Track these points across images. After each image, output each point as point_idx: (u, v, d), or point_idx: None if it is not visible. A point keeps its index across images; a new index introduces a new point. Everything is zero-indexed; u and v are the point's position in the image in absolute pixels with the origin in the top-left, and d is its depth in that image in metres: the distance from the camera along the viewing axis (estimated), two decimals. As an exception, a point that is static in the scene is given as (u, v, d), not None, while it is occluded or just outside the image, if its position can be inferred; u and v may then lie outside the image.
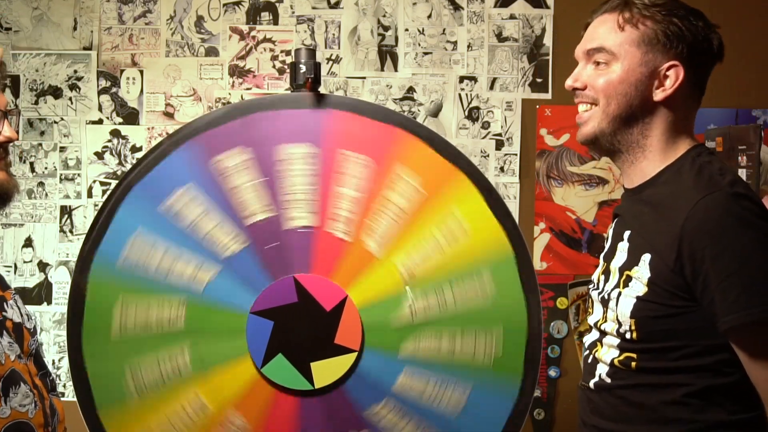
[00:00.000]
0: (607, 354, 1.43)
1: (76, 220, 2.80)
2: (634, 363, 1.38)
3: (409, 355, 1.70)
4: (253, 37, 2.79)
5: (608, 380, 1.43)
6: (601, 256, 1.54)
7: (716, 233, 1.27)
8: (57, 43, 2.80)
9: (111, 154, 2.80)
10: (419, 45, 2.78)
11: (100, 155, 2.80)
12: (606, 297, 1.44)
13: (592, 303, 1.53)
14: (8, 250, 2.80)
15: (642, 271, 1.36)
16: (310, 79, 1.74)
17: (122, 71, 2.80)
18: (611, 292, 1.43)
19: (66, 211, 2.80)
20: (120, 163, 2.79)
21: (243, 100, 1.83)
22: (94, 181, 2.80)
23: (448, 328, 1.70)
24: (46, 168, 2.80)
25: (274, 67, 2.79)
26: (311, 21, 2.79)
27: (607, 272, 1.48)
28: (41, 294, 2.80)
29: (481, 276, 1.70)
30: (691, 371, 1.34)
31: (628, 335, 1.38)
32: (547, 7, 2.77)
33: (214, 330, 1.69)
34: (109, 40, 2.80)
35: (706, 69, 1.44)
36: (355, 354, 1.69)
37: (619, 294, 1.40)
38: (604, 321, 1.45)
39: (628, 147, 1.44)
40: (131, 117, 2.80)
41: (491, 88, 2.78)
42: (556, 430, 2.78)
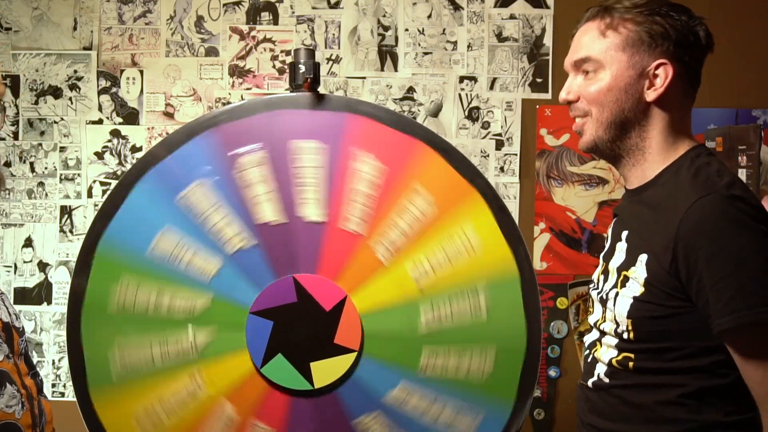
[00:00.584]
0: (606, 354, 1.44)
1: (76, 220, 2.80)
2: (631, 363, 1.39)
3: (407, 368, 1.69)
4: (253, 37, 2.79)
5: (606, 380, 1.43)
6: (601, 256, 1.54)
7: (712, 235, 1.27)
8: (57, 43, 2.80)
9: (111, 154, 2.80)
10: (419, 45, 2.78)
11: (100, 155, 2.80)
12: (605, 297, 1.45)
13: (592, 302, 1.54)
14: (8, 250, 2.80)
15: (639, 271, 1.36)
16: (309, 79, 1.74)
17: (122, 71, 2.80)
18: (609, 292, 1.43)
19: (66, 211, 2.80)
20: (120, 163, 2.80)
21: (269, 96, 1.82)
22: (94, 181, 2.80)
23: (449, 345, 1.69)
24: (46, 168, 2.80)
25: (274, 67, 2.79)
26: (311, 21, 2.79)
27: (606, 272, 1.48)
28: (41, 294, 2.80)
29: (481, 296, 1.70)
30: (687, 372, 1.34)
31: (625, 335, 1.38)
32: (547, 7, 2.77)
33: (219, 322, 1.70)
34: (109, 40, 2.80)
35: (696, 62, 1.42)
36: (355, 354, 1.69)
37: (617, 294, 1.40)
38: (603, 321, 1.45)
39: (629, 151, 1.44)
40: (131, 117, 2.80)
41: (491, 88, 2.78)
42: (556, 430, 2.78)
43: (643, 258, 1.36)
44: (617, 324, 1.40)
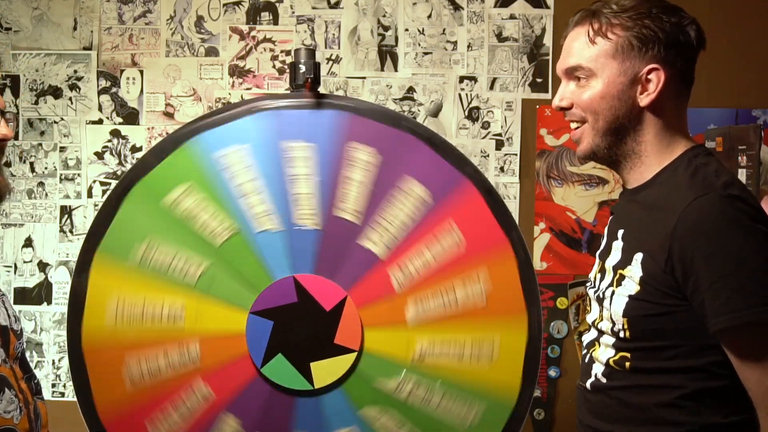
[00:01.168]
0: (603, 353, 1.44)
1: (76, 220, 2.80)
2: (628, 363, 1.39)
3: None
4: (253, 37, 2.79)
5: (604, 380, 1.43)
6: (598, 254, 1.54)
7: (709, 235, 1.27)
8: (57, 43, 2.80)
9: (111, 154, 2.80)
10: (419, 45, 2.78)
11: (100, 155, 2.80)
12: (601, 295, 1.45)
13: (589, 301, 1.54)
14: (8, 250, 2.80)
15: (634, 270, 1.36)
16: (309, 79, 1.74)
17: (122, 71, 2.80)
18: (605, 291, 1.43)
19: (66, 211, 2.80)
20: (120, 163, 2.80)
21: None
22: (94, 181, 2.80)
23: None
24: (46, 168, 2.80)
25: (274, 67, 2.79)
26: (311, 21, 2.79)
27: (602, 270, 1.48)
28: (41, 294, 2.80)
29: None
30: (684, 372, 1.34)
31: (622, 334, 1.39)
32: (547, 7, 2.77)
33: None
34: (109, 40, 2.80)
35: (688, 62, 1.41)
36: (355, 354, 1.69)
37: (613, 293, 1.40)
38: (600, 320, 1.45)
39: (626, 156, 1.43)
40: (131, 117, 2.80)
41: (491, 88, 2.78)
42: (556, 430, 2.78)
43: (638, 256, 1.36)
44: (613, 323, 1.40)
